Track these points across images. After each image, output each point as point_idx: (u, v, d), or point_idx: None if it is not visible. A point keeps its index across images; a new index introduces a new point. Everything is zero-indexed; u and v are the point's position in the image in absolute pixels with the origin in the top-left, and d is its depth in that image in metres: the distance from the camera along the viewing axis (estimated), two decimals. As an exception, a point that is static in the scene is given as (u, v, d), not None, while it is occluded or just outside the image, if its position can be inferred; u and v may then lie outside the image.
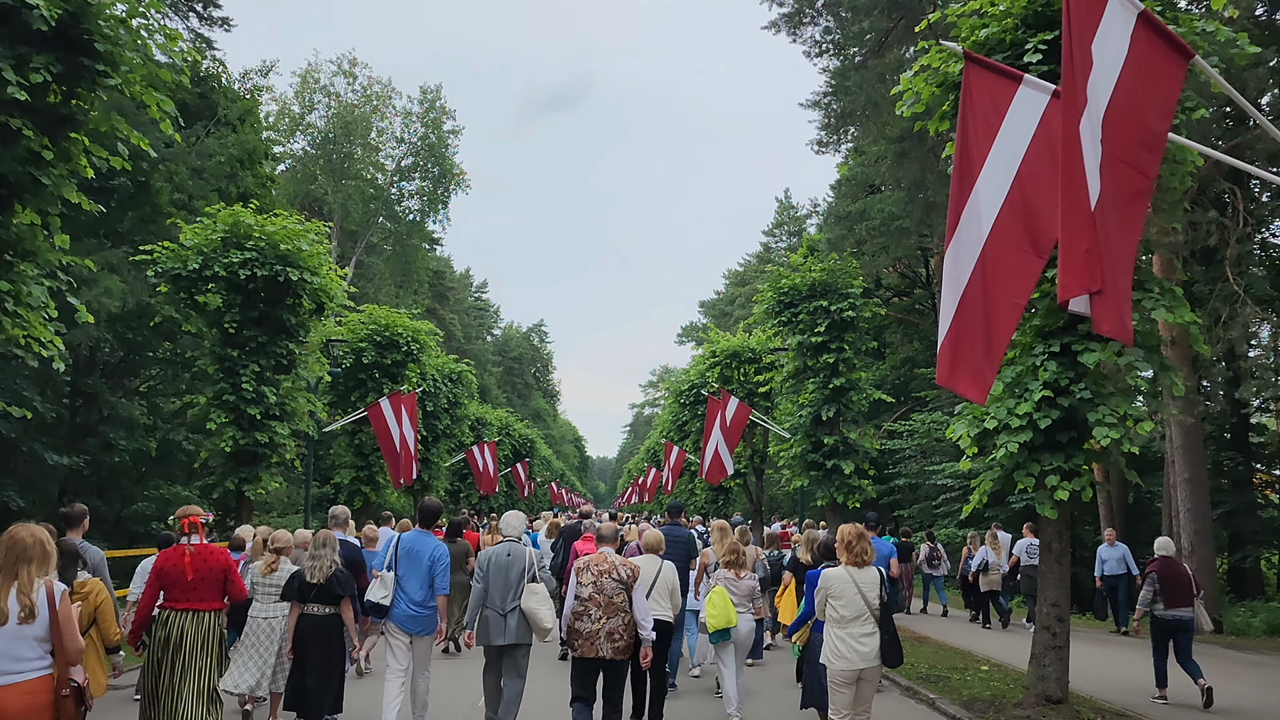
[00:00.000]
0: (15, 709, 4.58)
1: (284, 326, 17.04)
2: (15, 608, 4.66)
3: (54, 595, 4.80)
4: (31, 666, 4.70)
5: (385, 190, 51.39)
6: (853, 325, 17.48)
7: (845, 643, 6.70)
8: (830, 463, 17.11)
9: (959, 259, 5.94)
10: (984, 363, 5.82)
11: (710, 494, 31.74)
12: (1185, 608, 10.33)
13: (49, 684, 4.76)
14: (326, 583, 7.79)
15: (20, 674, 4.65)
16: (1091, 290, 4.90)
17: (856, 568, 6.87)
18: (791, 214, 68.99)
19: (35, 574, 4.79)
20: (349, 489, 23.67)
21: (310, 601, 7.81)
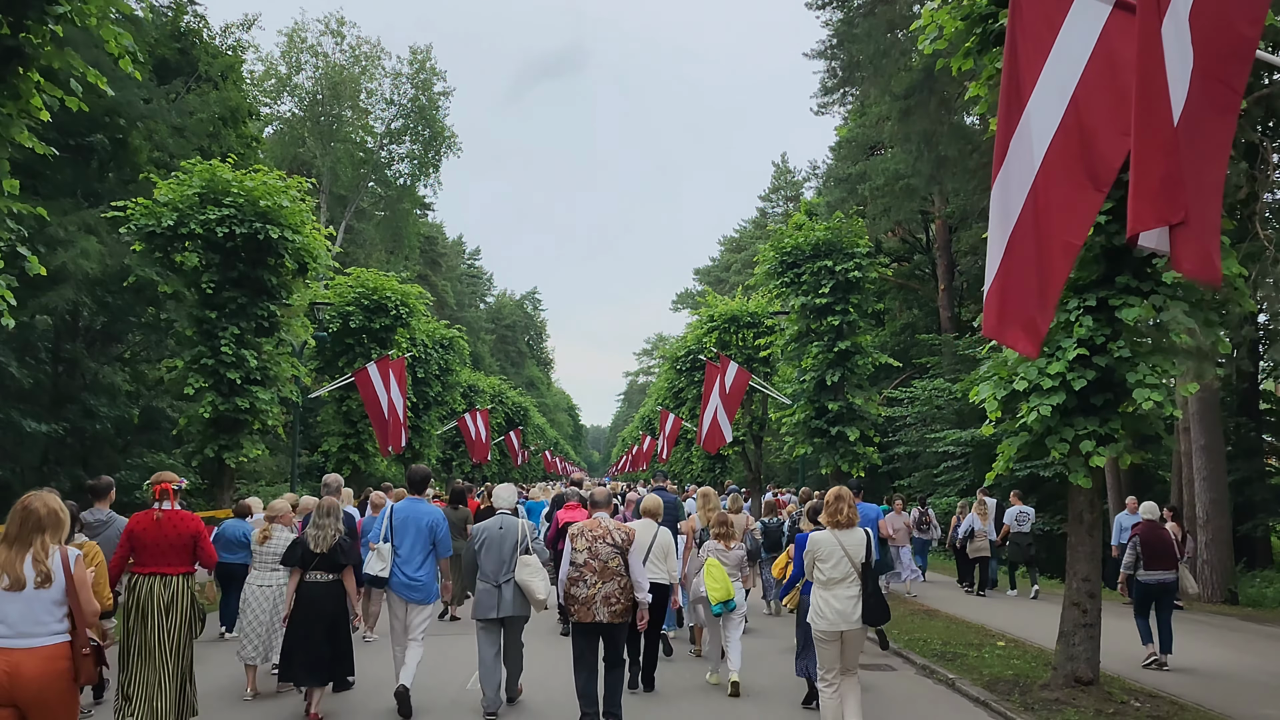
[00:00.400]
0: (35, 672, 4.70)
1: (265, 287, 16.31)
2: (32, 574, 4.78)
3: (69, 560, 4.94)
4: (49, 630, 4.81)
5: (375, 154, 50.34)
6: (858, 286, 16.79)
7: (829, 604, 6.82)
8: (834, 429, 16.48)
9: (1007, 194, 5.24)
10: (1036, 310, 5.14)
11: (707, 462, 31.18)
12: (1167, 570, 10.52)
13: (67, 647, 4.86)
14: (330, 551, 7.79)
15: (39, 638, 4.77)
16: (1171, 222, 4.22)
17: (841, 529, 6.96)
18: (788, 178, 68.05)
19: (50, 541, 4.91)
20: (337, 457, 22.99)
21: (312, 569, 7.80)
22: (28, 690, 4.68)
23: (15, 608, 4.74)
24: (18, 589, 4.74)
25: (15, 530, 4.88)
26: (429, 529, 8.25)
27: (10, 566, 4.77)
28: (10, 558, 4.80)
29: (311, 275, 17.92)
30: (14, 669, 4.66)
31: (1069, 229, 5.08)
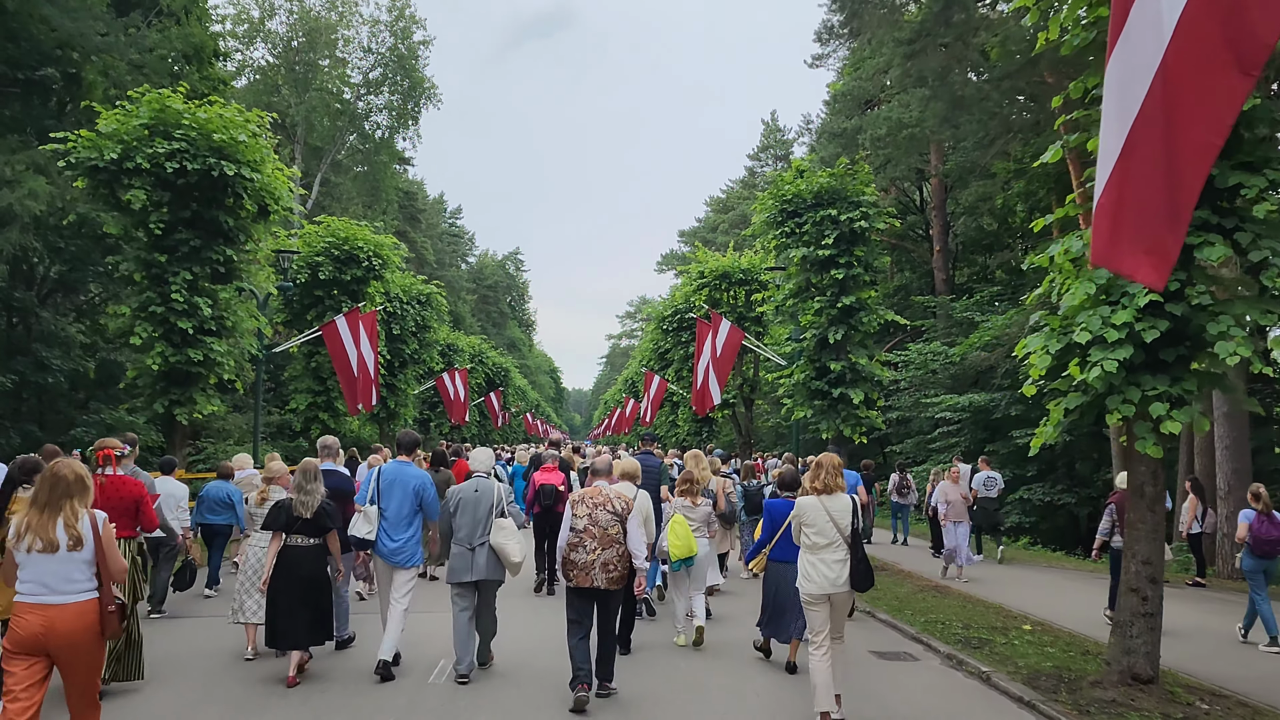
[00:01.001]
0: (67, 626, 5.05)
1: (221, 230, 14.97)
2: (64, 537, 5.08)
3: (97, 523, 5.25)
4: (80, 588, 5.15)
5: (352, 104, 48.48)
6: (864, 238, 15.59)
7: (816, 568, 6.95)
8: (836, 391, 15.32)
9: (1123, 85, 4.04)
10: (1165, 229, 3.98)
11: (694, 425, 30.04)
12: None
13: (95, 604, 5.18)
14: (314, 516, 7.77)
15: (71, 595, 5.11)
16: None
17: (827, 495, 7.05)
18: (778, 137, 66.48)
19: (78, 505, 5.19)
20: (305, 415, 21.75)
21: (294, 533, 7.79)
22: (60, 642, 5.06)
23: (49, 568, 5.09)
24: (51, 550, 5.07)
25: (45, 496, 5.18)
26: (415, 492, 8.21)
27: (43, 530, 5.09)
28: (43, 521, 5.11)
29: (275, 220, 16.57)
30: (49, 623, 5.03)
31: (1209, 125, 3.89)
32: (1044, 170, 27.10)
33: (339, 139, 48.27)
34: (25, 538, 5.09)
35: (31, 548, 5.07)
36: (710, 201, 79.75)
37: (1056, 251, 7.34)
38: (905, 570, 15.39)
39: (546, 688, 7.78)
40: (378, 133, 49.55)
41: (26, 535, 5.09)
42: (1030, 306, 21.15)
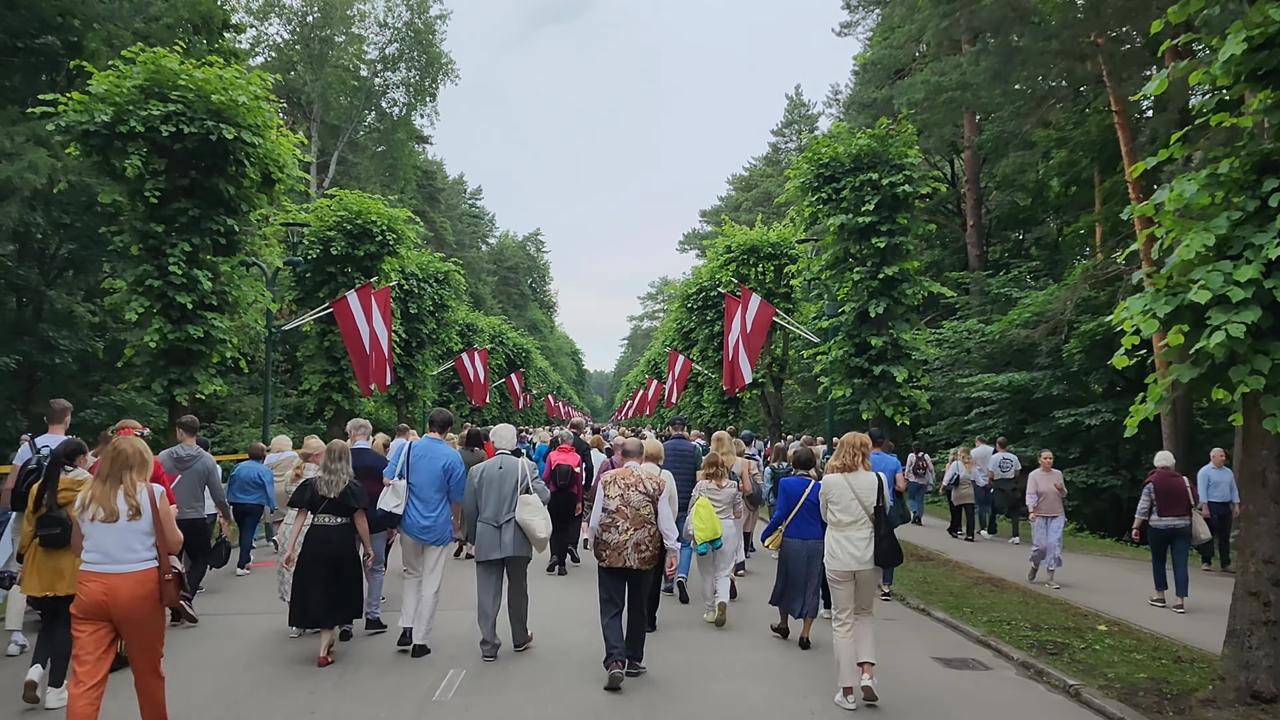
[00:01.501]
0: (128, 593, 5.29)
1: (222, 199, 14.07)
2: (125, 508, 5.33)
3: (155, 496, 5.48)
4: (140, 557, 5.38)
5: (368, 81, 47.60)
6: (907, 203, 14.52)
7: (842, 545, 6.97)
8: (878, 369, 14.30)
9: None
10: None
11: (720, 406, 29.02)
12: (1180, 516, 10.93)
13: (154, 572, 5.42)
14: (340, 496, 7.75)
15: (131, 563, 5.34)
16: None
17: (852, 473, 7.09)
18: (803, 111, 65.02)
19: (137, 478, 5.44)
20: (319, 396, 20.95)
21: (321, 512, 7.78)
22: (122, 609, 5.28)
23: (110, 537, 5.32)
24: (112, 520, 5.30)
25: (107, 469, 5.42)
26: (444, 470, 8.15)
27: (105, 500, 5.33)
28: (105, 492, 5.35)
29: (280, 189, 15.66)
30: (111, 590, 5.26)
31: None
32: (1087, 138, 25.91)
33: (356, 117, 47.44)
34: (90, 507, 5.35)
35: (95, 517, 5.33)
36: (733, 180, 78.40)
37: (1167, 196, 6.26)
38: (952, 560, 14.40)
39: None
40: (395, 110, 48.70)
41: (91, 505, 5.36)
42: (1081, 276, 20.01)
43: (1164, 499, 10.97)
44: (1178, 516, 10.94)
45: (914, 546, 15.59)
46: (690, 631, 9.24)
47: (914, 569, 13.04)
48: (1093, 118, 24.69)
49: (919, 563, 13.81)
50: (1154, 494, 11.01)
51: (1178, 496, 10.98)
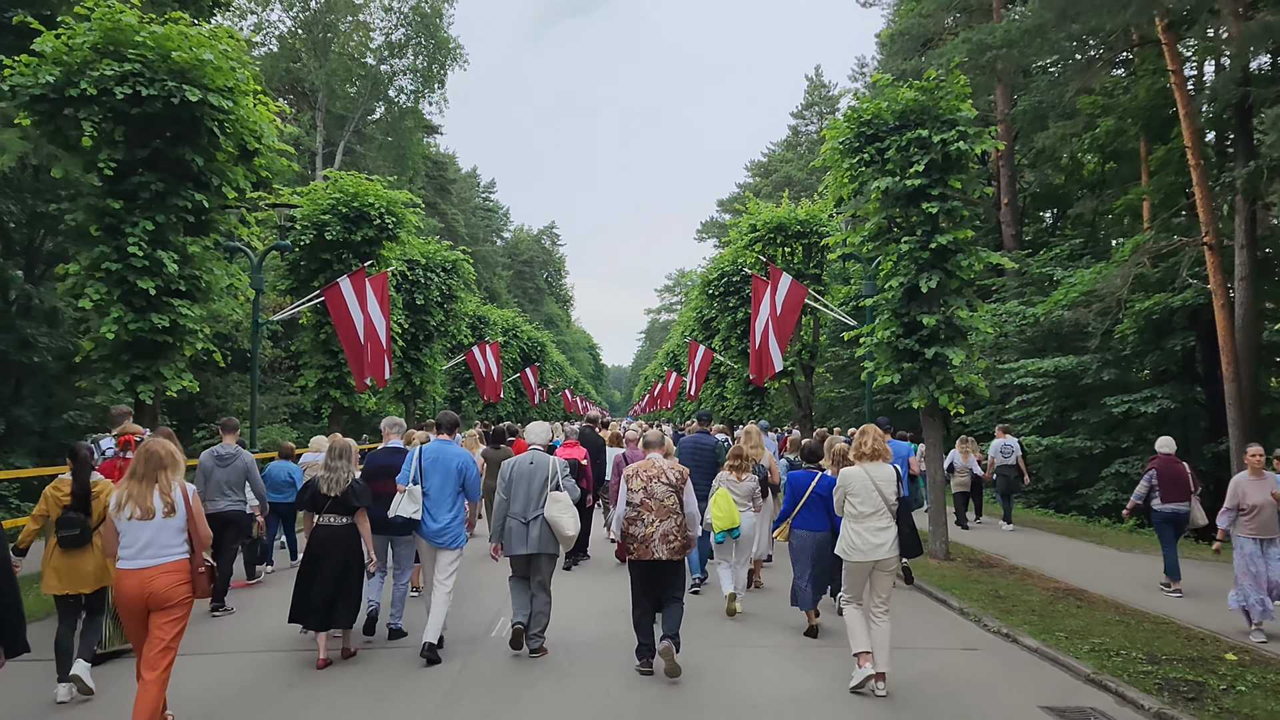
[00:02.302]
0: (163, 584, 5.62)
1: (190, 171, 12.54)
2: (160, 505, 5.67)
3: (188, 494, 5.85)
4: (174, 551, 5.73)
5: (375, 69, 46.12)
6: (961, 164, 12.85)
7: (861, 536, 7.02)
8: (930, 350, 12.65)
9: None
10: None
11: (744, 398, 27.35)
12: (1182, 502, 11.08)
13: (188, 564, 5.79)
14: (342, 495, 7.70)
15: (167, 557, 5.69)
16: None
17: (871, 464, 7.12)
18: (823, 93, 63.08)
19: (170, 477, 5.78)
20: (315, 393, 19.41)
21: (325, 512, 7.77)
22: (157, 598, 5.61)
23: (146, 533, 5.66)
24: (148, 518, 5.65)
25: (141, 469, 5.75)
26: (458, 472, 8.15)
27: (141, 499, 5.68)
28: (141, 491, 5.70)
29: (261, 163, 14.12)
30: (146, 582, 5.59)
31: None
32: (1136, 104, 24.05)
33: (362, 105, 45.99)
34: (126, 507, 5.62)
35: (131, 515, 5.59)
36: (751, 166, 76.43)
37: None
38: (1018, 565, 12.76)
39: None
40: (402, 98, 47.23)
41: (127, 504, 5.62)
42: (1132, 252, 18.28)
43: (1167, 485, 11.19)
44: (1180, 502, 11.14)
45: (969, 549, 13.97)
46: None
47: (979, 579, 11.43)
48: (1143, 80, 22.84)
49: (980, 569, 12.19)
50: (1156, 480, 11.24)
51: (1180, 482, 11.18)
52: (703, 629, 8.94)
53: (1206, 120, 21.64)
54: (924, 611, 9.83)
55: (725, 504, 9.19)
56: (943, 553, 13.08)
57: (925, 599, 10.49)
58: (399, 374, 26.19)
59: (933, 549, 13.23)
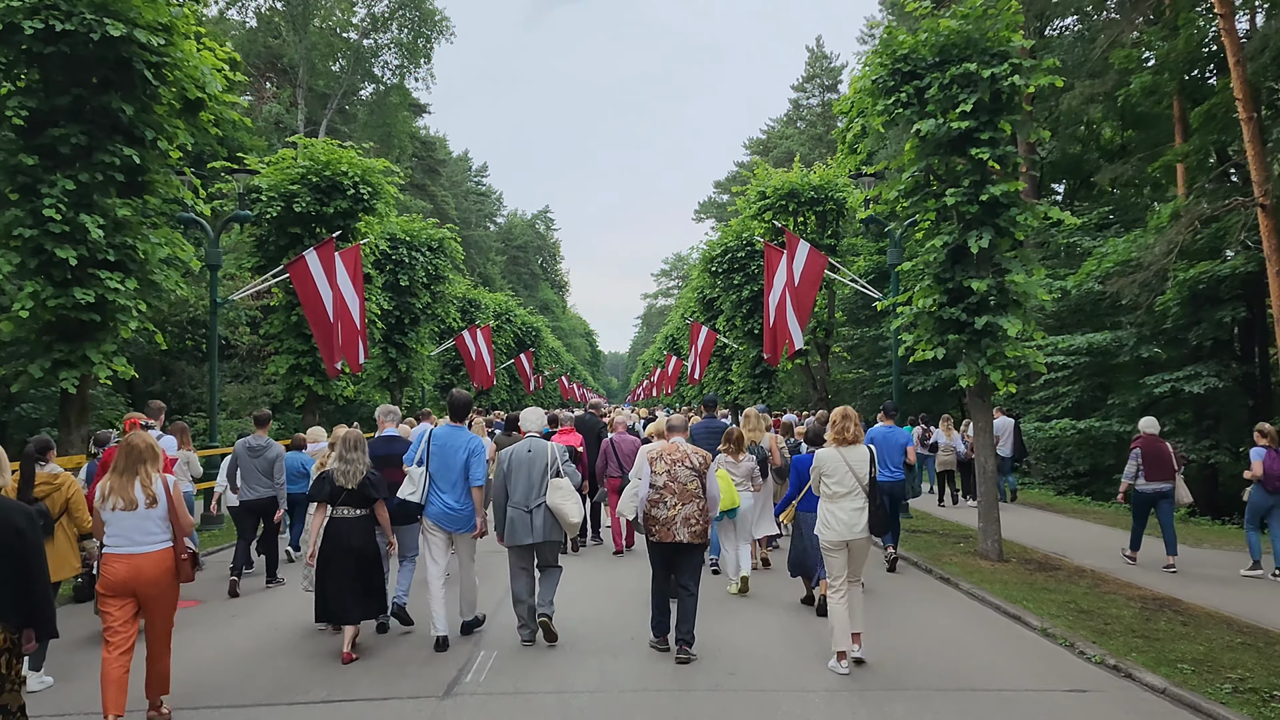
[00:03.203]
0: (151, 570, 5.84)
1: (119, 124, 10.79)
2: (142, 496, 5.84)
3: (168, 485, 6.00)
4: (158, 539, 5.91)
5: (357, 43, 44.18)
6: (1013, 103, 11.12)
7: (835, 515, 7.18)
8: (980, 320, 10.92)
9: None
10: None
11: (751, 381, 25.62)
12: (1165, 481, 11.30)
13: (171, 552, 5.97)
14: (359, 486, 7.56)
15: (151, 545, 5.88)
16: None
17: (846, 446, 7.29)
18: (825, 64, 61.09)
19: (150, 470, 5.94)
20: (287, 381, 17.68)
21: (341, 505, 7.59)
22: (145, 585, 5.84)
23: (131, 523, 5.84)
24: (131, 509, 5.83)
25: (123, 463, 5.92)
26: (465, 454, 7.91)
27: (123, 491, 5.85)
28: (122, 484, 5.87)
29: (208, 118, 12.37)
30: (134, 569, 5.80)
31: None
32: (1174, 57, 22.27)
33: (345, 82, 44.08)
34: (110, 498, 5.86)
35: (115, 506, 5.83)
36: (750, 143, 74.37)
37: None
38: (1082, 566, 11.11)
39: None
40: (387, 74, 45.31)
41: (110, 496, 5.86)
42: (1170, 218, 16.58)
43: (1150, 464, 11.37)
44: (1163, 480, 11.32)
45: (1022, 548, 12.31)
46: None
47: (1046, 585, 9.77)
48: (1183, 31, 21.05)
49: (1042, 573, 10.51)
50: (1140, 459, 11.40)
51: (1164, 461, 11.38)
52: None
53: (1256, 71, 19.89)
54: (998, 632, 8.12)
55: (725, 484, 9.17)
56: (995, 553, 11.39)
57: (993, 614, 8.80)
58: (382, 360, 24.48)
59: (983, 548, 11.57)
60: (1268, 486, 10.60)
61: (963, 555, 11.71)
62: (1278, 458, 10.63)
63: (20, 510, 4.87)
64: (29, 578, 4.76)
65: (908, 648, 7.53)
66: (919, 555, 11.77)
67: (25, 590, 4.75)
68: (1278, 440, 10.79)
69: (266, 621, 8.74)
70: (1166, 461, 11.42)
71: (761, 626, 8.35)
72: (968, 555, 11.70)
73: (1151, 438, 11.62)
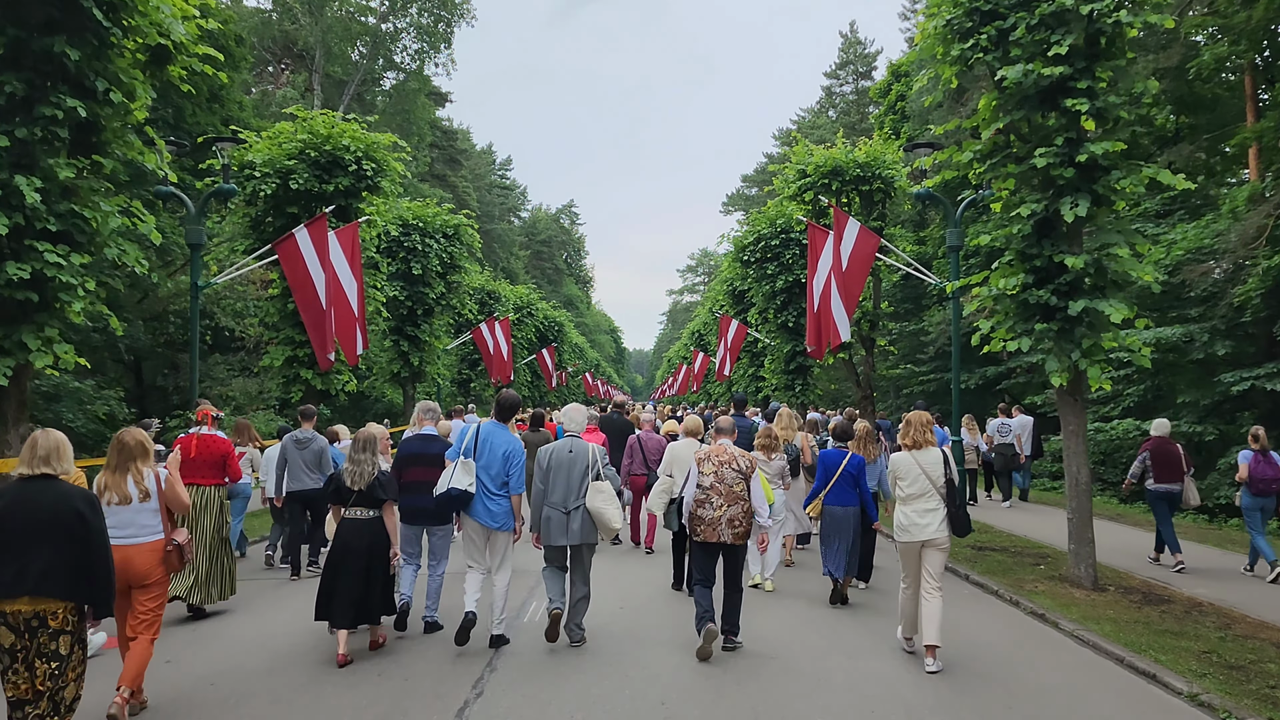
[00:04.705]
0: (143, 560, 6.09)
1: (64, 71, 9.24)
2: (135, 491, 6.11)
3: (160, 479, 6.26)
4: (150, 531, 6.17)
5: (375, 27, 42.76)
6: (1115, 45, 9.37)
7: (908, 517, 7.27)
8: (1076, 305, 9.18)
9: None
10: None
11: (785, 378, 23.89)
12: (1176, 482, 11.49)
13: (161, 544, 6.21)
14: (368, 488, 7.51)
15: (144, 536, 6.14)
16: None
17: (918, 450, 7.34)
18: (859, 50, 59.05)
19: (141, 465, 6.19)
20: (283, 374, 16.16)
21: (351, 506, 7.56)
22: (136, 574, 6.08)
23: (124, 516, 6.08)
24: (125, 503, 6.09)
25: (115, 460, 6.21)
26: (504, 459, 7.73)
27: (117, 487, 6.12)
28: (116, 480, 6.13)
29: (178, 72, 10.83)
30: (127, 560, 5.99)
31: None
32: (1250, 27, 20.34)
33: (363, 67, 42.66)
34: (105, 494, 6.06)
35: (110, 501, 6.03)
36: (779, 135, 72.43)
37: None
38: (1196, 599, 9.32)
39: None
40: (405, 59, 43.84)
41: (106, 491, 6.07)
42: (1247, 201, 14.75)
43: (1161, 465, 11.51)
44: (1173, 481, 11.44)
45: (1114, 572, 10.55)
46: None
47: (1166, 625, 8.05)
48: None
49: (1152, 607, 8.77)
50: (1150, 461, 11.60)
51: (1174, 463, 11.48)
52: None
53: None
54: (1132, 697, 6.25)
55: (760, 481, 9.07)
56: (1089, 579, 9.65)
57: (1114, 667, 6.96)
58: (394, 353, 23.02)
59: (1073, 573, 9.83)
60: (1254, 489, 10.92)
61: (1048, 581, 9.99)
62: (1264, 462, 10.92)
63: (82, 495, 5.19)
64: (91, 559, 5.08)
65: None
66: (997, 581, 10.05)
67: (88, 570, 5.07)
68: (1266, 446, 11.09)
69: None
70: (1176, 463, 11.54)
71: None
72: (1053, 581, 9.98)
73: (1162, 439, 11.80)
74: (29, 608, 4.91)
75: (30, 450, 5.19)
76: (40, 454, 5.15)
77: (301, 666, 7.20)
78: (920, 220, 33.09)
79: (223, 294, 24.95)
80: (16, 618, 4.90)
